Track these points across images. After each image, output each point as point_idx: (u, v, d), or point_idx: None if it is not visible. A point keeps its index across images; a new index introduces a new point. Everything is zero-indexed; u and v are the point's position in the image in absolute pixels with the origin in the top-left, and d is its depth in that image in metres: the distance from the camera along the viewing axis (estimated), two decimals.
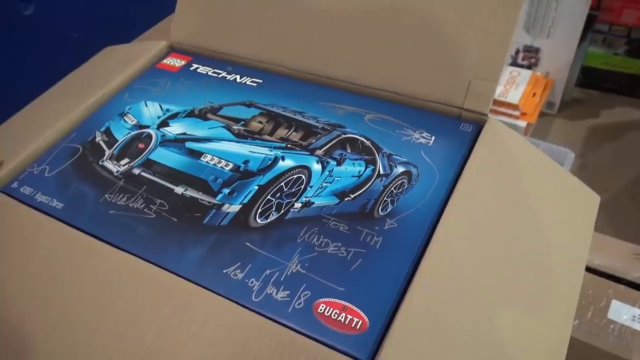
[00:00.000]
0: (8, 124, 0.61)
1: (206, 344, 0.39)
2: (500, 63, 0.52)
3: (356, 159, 0.51)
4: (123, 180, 0.51)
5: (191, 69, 0.65)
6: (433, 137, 0.52)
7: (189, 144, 0.54)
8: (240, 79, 0.63)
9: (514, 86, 1.17)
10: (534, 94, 1.17)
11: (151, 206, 0.48)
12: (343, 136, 0.54)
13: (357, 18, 0.58)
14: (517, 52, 1.27)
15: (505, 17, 0.52)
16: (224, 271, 0.43)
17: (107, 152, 0.54)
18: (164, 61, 0.67)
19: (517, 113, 1.13)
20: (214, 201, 0.48)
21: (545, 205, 0.48)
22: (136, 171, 0.52)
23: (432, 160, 0.50)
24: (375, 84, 0.57)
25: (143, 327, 0.40)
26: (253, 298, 0.41)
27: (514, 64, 1.28)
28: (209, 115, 0.58)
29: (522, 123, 1.11)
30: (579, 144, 1.21)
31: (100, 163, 0.53)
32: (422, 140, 0.52)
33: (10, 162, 0.54)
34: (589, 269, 0.72)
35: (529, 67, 1.26)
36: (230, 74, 0.64)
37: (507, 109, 1.12)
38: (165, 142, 0.54)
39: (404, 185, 0.48)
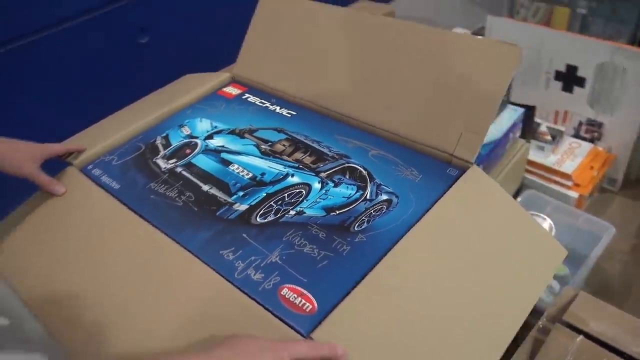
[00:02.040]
0: (99, 124, 0.79)
1: (193, 300, 0.50)
2: (489, 120, 0.60)
3: (350, 184, 0.61)
4: (167, 175, 0.65)
5: (243, 97, 0.80)
6: (421, 176, 0.61)
7: (223, 155, 0.67)
8: (279, 109, 0.76)
9: (571, 157, 1.17)
10: (592, 167, 1.16)
11: (182, 197, 0.61)
12: (346, 165, 0.64)
13: (375, 70, 0.69)
14: (580, 124, 1.26)
15: (498, 80, 0.60)
16: (220, 252, 0.54)
17: (161, 153, 0.69)
18: (225, 89, 0.82)
19: (569, 183, 1.13)
20: (229, 200, 0.60)
21: (502, 247, 0.54)
22: (178, 169, 0.65)
23: (413, 193, 0.59)
24: (382, 126, 0.67)
25: (155, 279, 0.52)
26: (235, 275, 0.51)
27: (576, 135, 1.27)
28: (246, 135, 0.71)
29: (574, 194, 1.10)
30: (635, 225, 1.17)
31: (154, 160, 0.68)
32: (410, 176, 0.61)
33: (90, 151, 0.70)
34: (588, 336, 0.73)
35: (591, 140, 1.26)
36: (272, 105, 0.77)
37: (560, 178, 1.13)
38: (207, 150, 0.68)
39: (382, 210, 0.57)
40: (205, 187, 0.62)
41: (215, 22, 1.43)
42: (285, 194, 0.60)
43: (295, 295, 0.49)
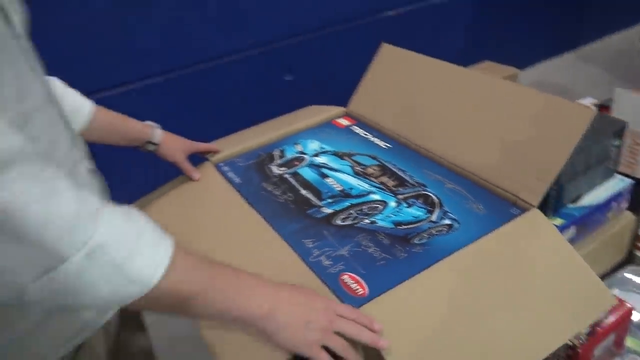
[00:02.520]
0: (235, 135, 0.99)
1: (277, 270, 0.64)
2: (556, 170, 0.67)
3: (421, 207, 0.71)
4: (277, 178, 0.81)
5: (351, 128, 0.94)
6: (485, 210, 0.69)
7: (323, 169, 0.81)
8: (377, 141, 0.89)
9: None
10: None
11: (284, 196, 0.77)
12: (422, 192, 0.74)
13: (463, 119, 0.80)
14: None
15: (567, 137, 0.67)
16: (303, 240, 0.67)
17: (276, 161, 0.86)
18: (338, 120, 0.98)
19: None
20: (319, 203, 0.74)
21: (543, 281, 0.60)
22: (286, 176, 0.81)
23: (474, 223, 0.67)
24: (462, 165, 0.77)
25: (253, 250, 0.68)
26: (310, 259, 0.64)
27: None
28: (345, 157, 0.85)
29: None
30: None
31: (269, 166, 0.85)
32: (476, 210, 0.70)
33: (223, 153, 0.89)
34: None
35: None
36: (373, 137, 0.90)
37: None
38: (311, 165, 0.83)
39: (443, 232, 0.66)
40: (303, 192, 0.77)
41: (341, 65, 1.63)
42: (365, 207, 0.72)
43: (353, 282, 0.60)
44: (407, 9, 1.98)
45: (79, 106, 0.73)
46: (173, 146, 0.84)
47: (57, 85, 0.70)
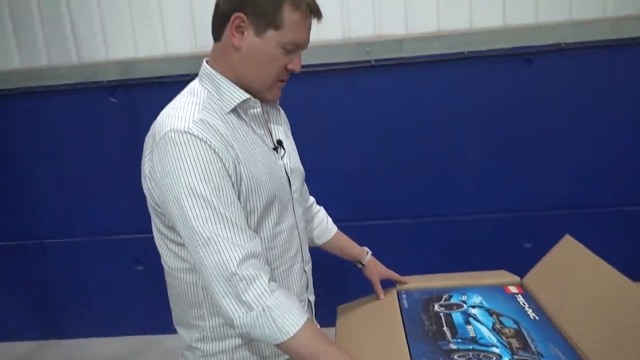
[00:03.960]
0: (431, 276, 1.28)
1: None
2: None
3: None
4: (433, 313, 1.07)
5: (516, 296, 1.13)
6: None
7: (470, 319, 1.04)
8: (530, 312, 1.05)
9: None
10: None
11: (430, 326, 1.02)
12: (536, 359, 0.89)
13: (606, 321, 0.91)
14: None
15: None
16: (424, 359, 0.92)
17: (441, 302, 1.12)
18: (509, 286, 1.17)
19: None
20: (450, 340, 0.97)
21: None
22: (441, 314, 1.07)
23: None
24: (584, 350, 0.88)
25: (378, 355, 0.96)
26: None
27: None
28: (493, 314, 1.05)
29: None
30: None
31: (434, 303, 1.12)
32: None
33: (409, 285, 1.20)
34: None
35: None
36: (528, 308, 1.07)
37: None
38: (464, 312, 1.06)
39: None
40: (445, 328, 1.01)
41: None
42: (482, 354, 0.92)
43: None
44: None
45: (330, 228, 1.19)
46: (374, 269, 1.20)
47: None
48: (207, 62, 0.90)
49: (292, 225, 0.94)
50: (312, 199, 1.18)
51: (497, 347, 0.93)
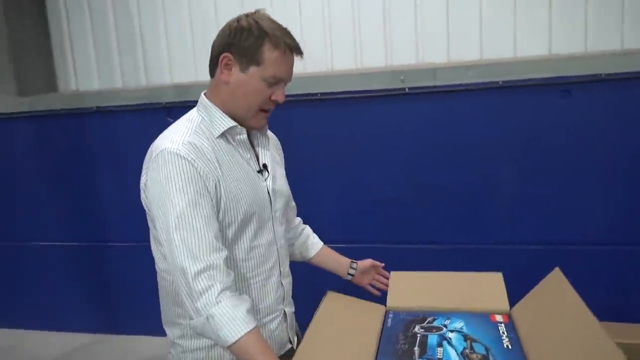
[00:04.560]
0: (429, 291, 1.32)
1: None
2: None
3: None
4: (411, 334, 1.12)
5: (498, 325, 1.14)
6: None
7: (444, 342, 1.08)
8: (507, 341, 1.07)
9: None
10: None
11: (402, 345, 1.07)
12: None
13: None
14: None
15: None
16: None
17: (423, 324, 1.16)
18: (496, 315, 1.19)
19: None
20: (416, 359, 1.01)
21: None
22: (418, 335, 1.11)
23: None
24: None
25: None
26: None
27: None
28: (467, 340, 1.08)
29: None
30: None
31: (415, 324, 1.16)
32: None
33: (401, 305, 1.25)
34: None
35: None
36: (505, 337, 1.08)
37: None
38: (440, 335, 1.10)
39: None
40: (416, 348, 1.06)
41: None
42: None
43: None
44: None
45: (316, 242, 1.28)
46: (363, 275, 1.29)
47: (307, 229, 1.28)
48: (204, 94, 1.05)
49: (270, 241, 1.05)
50: (298, 219, 1.29)
51: None
